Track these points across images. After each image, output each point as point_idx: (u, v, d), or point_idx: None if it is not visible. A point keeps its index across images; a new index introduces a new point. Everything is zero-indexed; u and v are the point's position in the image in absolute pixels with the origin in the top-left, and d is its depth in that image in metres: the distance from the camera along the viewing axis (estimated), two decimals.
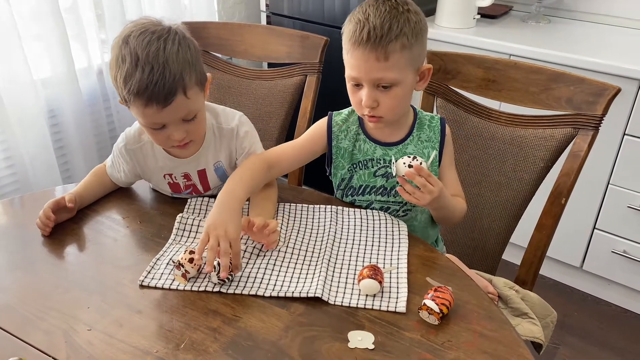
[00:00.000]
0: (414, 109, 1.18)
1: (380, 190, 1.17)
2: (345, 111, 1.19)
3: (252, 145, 1.19)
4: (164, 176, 1.19)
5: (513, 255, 1.76)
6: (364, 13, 1.03)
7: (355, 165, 1.18)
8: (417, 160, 1.01)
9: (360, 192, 1.19)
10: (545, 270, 2.20)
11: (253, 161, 1.13)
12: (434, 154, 1.11)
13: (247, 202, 1.18)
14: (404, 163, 1.02)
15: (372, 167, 1.16)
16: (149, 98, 0.97)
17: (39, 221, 1.09)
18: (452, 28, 2.09)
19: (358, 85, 1.07)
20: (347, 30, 1.05)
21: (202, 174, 1.19)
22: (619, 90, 1.18)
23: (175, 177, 1.18)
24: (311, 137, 1.20)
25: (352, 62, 1.05)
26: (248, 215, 1.14)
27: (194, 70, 1.02)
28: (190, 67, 1.01)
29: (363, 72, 1.04)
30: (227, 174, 1.20)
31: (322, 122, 1.20)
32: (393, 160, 1.04)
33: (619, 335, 1.96)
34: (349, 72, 1.07)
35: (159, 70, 0.96)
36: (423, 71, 1.09)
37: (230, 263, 0.94)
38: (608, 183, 1.92)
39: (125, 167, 1.19)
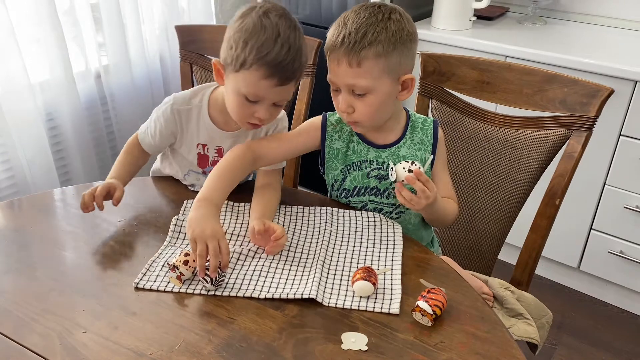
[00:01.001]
0: (407, 112, 1.19)
1: (374, 192, 1.18)
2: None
3: None
4: (197, 145, 1.21)
5: (509, 255, 1.76)
6: (345, 18, 1.05)
7: (349, 167, 1.18)
8: (415, 165, 1.02)
9: (354, 193, 1.19)
10: (542, 270, 2.20)
11: (238, 153, 1.10)
12: (430, 158, 1.11)
13: (249, 204, 1.18)
14: (404, 168, 1.02)
15: (366, 168, 1.17)
16: (274, 73, 1.02)
17: (86, 199, 1.12)
18: (449, 30, 2.10)
19: (337, 90, 1.09)
20: (328, 34, 1.07)
21: None
22: (612, 92, 1.18)
23: (208, 149, 1.21)
24: (304, 131, 1.20)
25: (329, 65, 1.07)
26: (249, 215, 1.15)
27: (302, 71, 1.09)
28: (306, 61, 1.08)
29: (336, 75, 1.06)
30: None
31: (316, 119, 1.20)
32: (392, 166, 1.04)
33: (615, 336, 1.97)
34: (328, 76, 1.09)
35: (293, 54, 1.03)
36: (405, 81, 1.08)
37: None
38: (604, 184, 1.93)
39: (162, 128, 1.20)
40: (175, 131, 1.21)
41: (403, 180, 1.02)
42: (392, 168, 1.04)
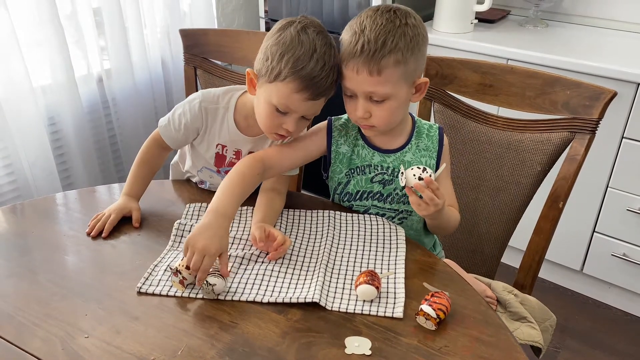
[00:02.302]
0: (412, 117, 1.18)
1: (377, 196, 1.17)
2: (345, 116, 1.19)
3: None
4: (217, 145, 1.22)
5: (512, 258, 1.76)
6: (361, 24, 1.02)
7: (352, 171, 1.18)
8: (426, 172, 1.01)
9: (357, 197, 1.19)
10: (546, 273, 2.19)
11: (248, 164, 1.10)
12: (442, 166, 1.09)
13: (252, 207, 1.18)
14: (414, 175, 1.01)
15: (370, 172, 1.16)
16: (307, 87, 1.03)
17: (98, 223, 1.13)
18: (450, 33, 2.10)
19: (352, 96, 1.07)
20: (343, 40, 1.05)
21: None
22: (615, 94, 1.18)
23: (227, 150, 1.22)
24: (310, 139, 1.19)
25: (346, 73, 1.05)
26: (251, 219, 1.15)
27: (334, 89, 1.10)
28: (334, 85, 1.08)
29: (355, 84, 1.04)
30: None
31: (322, 125, 1.20)
32: (402, 170, 1.03)
33: (620, 339, 1.96)
34: (343, 82, 1.07)
35: (328, 71, 1.04)
36: (419, 84, 1.09)
37: (219, 273, 0.96)
38: (607, 186, 1.92)
39: (189, 123, 1.20)
40: (199, 127, 1.22)
41: (412, 187, 1.02)
42: (402, 173, 1.02)
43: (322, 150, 1.19)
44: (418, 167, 1.02)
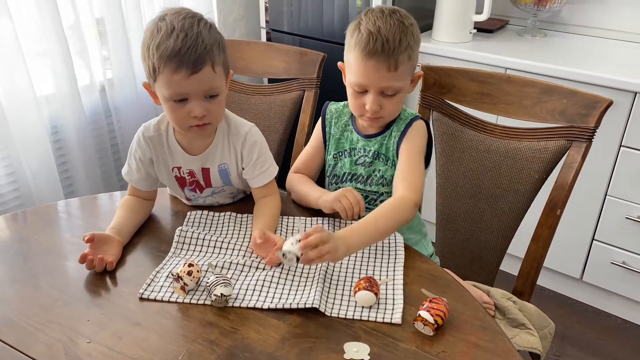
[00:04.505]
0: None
1: (359, 178, 1.26)
2: (342, 103, 1.29)
3: (261, 156, 1.20)
4: (172, 169, 1.21)
5: (510, 266, 1.76)
6: (374, 25, 1.10)
7: (340, 153, 1.27)
8: (298, 235, 0.95)
9: (343, 179, 1.27)
10: (545, 281, 2.20)
11: (294, 177, 1.28)
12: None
13: (251, 215, 1.20)
14: (292, 243, 0.94)
15: (354, 155, 1.26)
16: (179, 62, 1.01)
17: (93, 258, 1.05)
18: (449, 42, 2.12)
19: (361, 92, 1.15)
20: (358, 40, 1.11)
21: (205, 172, 1.20)
22: (610, 103, 1.19)
23: (183, 171, 1.21)
24: (317, 134, 1.31)
25: (361, 70, 1.12)
26: (252, 226, 1.17)
27: (222, 51, 1.08)
28: (219, 47, 1.07)
29: (373, 80, 1.12)
30: (230, 177, 1.22)
31: (320, 118, 1.32)
32: (282, 252, 0.95)
33: (619, 347, 1.96)
34: (356, 80, 1.14)
35: (192, 38, 1.02)
36: (416, 76, 1.21)
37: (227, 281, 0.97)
38: (606, 194, 1.93)
39: (142, 157, 1.19)
40: (151, 157, 1.20)
41: (302, 254, 0.93)
42: (284, 254, 0.94)
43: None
44: (292, 237, 0.96)
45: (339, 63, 1.22)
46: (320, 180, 1.32)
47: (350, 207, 1.12)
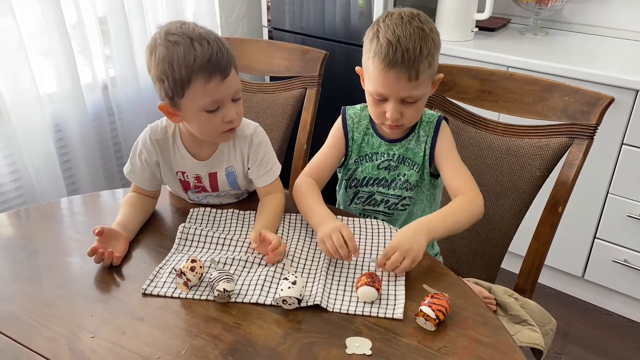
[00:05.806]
0: None
1: (382, 182, 1.25)
2: (358, 106, 1.27)
3: (265, 155, 1.20)
4: (177, 173, 1.21)
5: (512, 264, 1.76)
6: (393, 34, 1.07)
7: (362, 158, 1.25)
8: (292, 277, 0.95)
9: (363, 183, 1.26)
10: (547, 279, 2.20)
11: (302, 183, 1.20)
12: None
13: (254, 211, 1.21)
14: (289, 287, 0.94)
15: (377, 160, 1.24)
16: (212, 70, 1.01)
17: (103, 252, 1.05)
18: (451, 41, 2.12)
19: (381, 100, 1.13)
20: (377, 50, 1.09)
21: (213, 177, 1.21)
22: (612, 100, 1.20)
23: (187, 176, 1.21)
24: (334, 139, 1.27)
25: (381, 80, 1.10)
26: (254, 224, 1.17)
27: (234, 55, 1.08)
28: (231, 50, 1.07)
29: (393, 90, 1.10)
30: (237, 180, 1.22)
31: (338, 123, 1.27)
32: (286, 296, 0.93)
33: (621, 345, 1.96)
34: (375, 89, 1.12)
35: (215, 43, 1.02)
36: (436, 80, 1.19)
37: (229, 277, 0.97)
38: (607, 192, 1.93)
39: (147, 158, 1.19)
40: (157, 159, 1.20)
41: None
42: (284, 301, 0.94)
43: (345, 143, 1.26)
44: (287, 281, 0.95)
45: (357, 68, 1.20)
46: (328, 186, 1.29)
47: (334, 250, 1.02)
